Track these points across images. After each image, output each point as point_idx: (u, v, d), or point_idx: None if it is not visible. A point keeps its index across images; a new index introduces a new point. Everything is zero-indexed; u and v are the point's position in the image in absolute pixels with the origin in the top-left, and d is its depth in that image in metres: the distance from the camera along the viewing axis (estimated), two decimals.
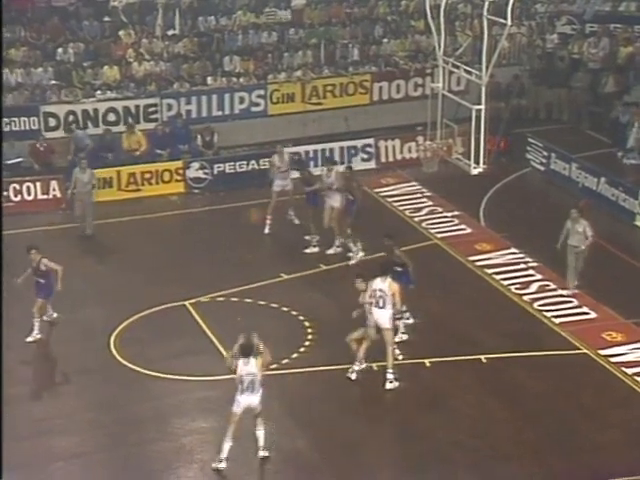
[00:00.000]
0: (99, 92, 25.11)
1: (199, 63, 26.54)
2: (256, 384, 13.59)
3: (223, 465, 13.73)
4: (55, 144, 23.86)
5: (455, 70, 22.52)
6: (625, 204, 21.77)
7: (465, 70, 21.93)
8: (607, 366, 16.25)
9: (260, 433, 13.92)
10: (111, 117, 24.88)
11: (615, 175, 22.78)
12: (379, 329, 15.46)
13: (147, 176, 23.54)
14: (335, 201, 19.85)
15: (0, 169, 18.95)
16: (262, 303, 17.76)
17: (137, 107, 25.13)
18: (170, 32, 27.27)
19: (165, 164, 23.86)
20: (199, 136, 24.80)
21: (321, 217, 20.01)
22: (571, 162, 23.58)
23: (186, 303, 18.12)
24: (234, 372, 13.59)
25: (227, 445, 13.69)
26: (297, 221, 21.29)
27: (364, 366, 15.83)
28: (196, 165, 23.91)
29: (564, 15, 29.74)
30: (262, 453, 13.98)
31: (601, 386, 15.83)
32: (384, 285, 15.39)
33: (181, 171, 23.80)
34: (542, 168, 24.51)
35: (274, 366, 15.96)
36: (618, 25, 28.69)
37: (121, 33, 26.77)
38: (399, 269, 16.53)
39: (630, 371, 16.04)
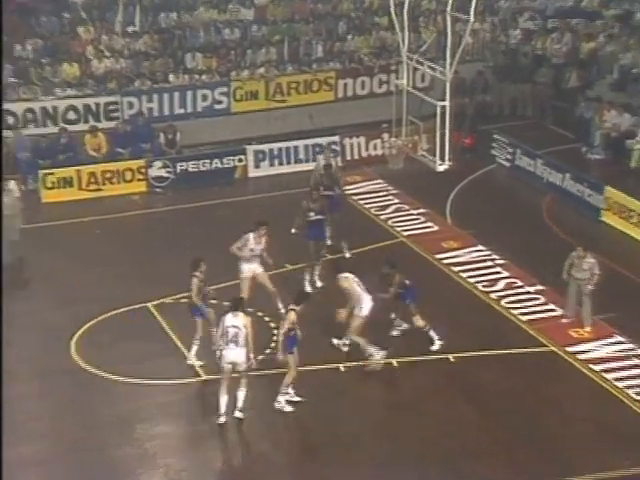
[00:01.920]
0: (58, 90, 24.73)
1: (161, 60, 26.29)
2: (240, 338, 14.03)
3: (223, 419, 14.19)
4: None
5: (419, 66, 22.43)
6: (590, 200, 21.73)
7: (429, 66, 21.86)
8: (575, 363, 16.19)
9: (241, 394, 14.27)
10: (71, 115, 24.59)
11: (580, 170, 22.76)
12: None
13: (108, 175, 23.23)
14: None
15: (0, 169, 19.04)
16: (227, 304, 17.47)
17: (97, 105, 24.85)
18: (130, 28, 26.96)
19: (127, 163, 23.57)
20: (161, 134, 24.57)
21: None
22: (536, 158, 23.53)
23: (149, 305, 17.87)
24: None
25: (223, 399, 14.18)
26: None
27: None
28: (158, 164, 23.64)
29: (527, 11, 29.79)
30: (238, 414, 14.27)
31: (569, 383, 15.76)
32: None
33: (143, 170, 23.52)
34: (507, 164, 24.44)
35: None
36: (580, 20, 28.73)
37: (80, 29, 26.42)
38: (401, 290, 16.32)
39: (597, 368, 15.99)
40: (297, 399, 14.92)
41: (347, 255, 19.14)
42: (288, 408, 14.82)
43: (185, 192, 23.21)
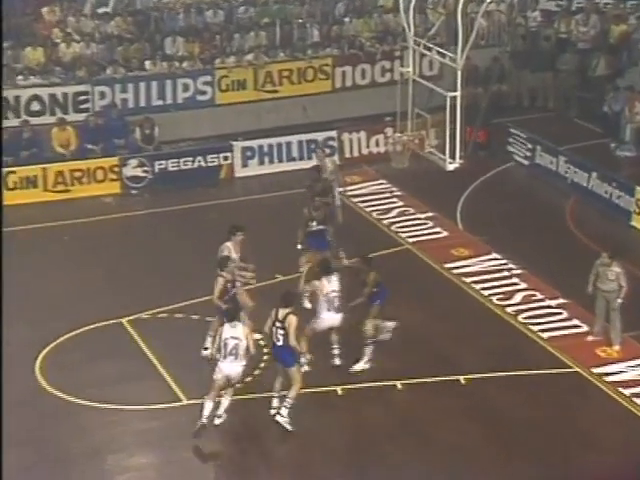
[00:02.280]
0: (21, 77, 24.81)
1: (136, 45, 26.38)
2: (240, 350, 14.48)
3: (204, 421, 14.58)
4: None
5: (427, 53, 22.52)
6: (620, 202, 21.87)
7: (438, 52, 21.94)
8: (601, 386, 16.27)
9: (225, 401, 14.78)
10: (35, 106, 24.67)
11: (608, 169, 22.87)
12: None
13: (77, 175, 23.33)
14: None
15: (0, 169, 19.12)
16: (210, 319, 17.57)
17: (65, 95, 24.92)
18: (102, 9, 27.07)
19: (98, 161, 23.64)
20: (137, 129, 24.64)
21: None
22: (558, 155, 23.65)
23: (123, 320, 17.93)
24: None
25: (208, 405, 14.64)
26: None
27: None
28: (134, 162, 23.72)
29: None
30: (218, 421, 14.80)
31: (595, 408, 15.87)
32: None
33: (117, 169, 23.59)
34: (526, 162, 24.56)
35: (223, 392, 15.83)
36: (608, 1, 28.87)
37: (45, 10, 26.49)
38: (375, 289, 16.49)
39: (627, 392, 16.07)
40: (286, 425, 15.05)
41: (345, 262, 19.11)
42: (289, 426, 14.98)
43: (164, 194, 23.27)
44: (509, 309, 18.42)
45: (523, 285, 19.18)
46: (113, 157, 23.79)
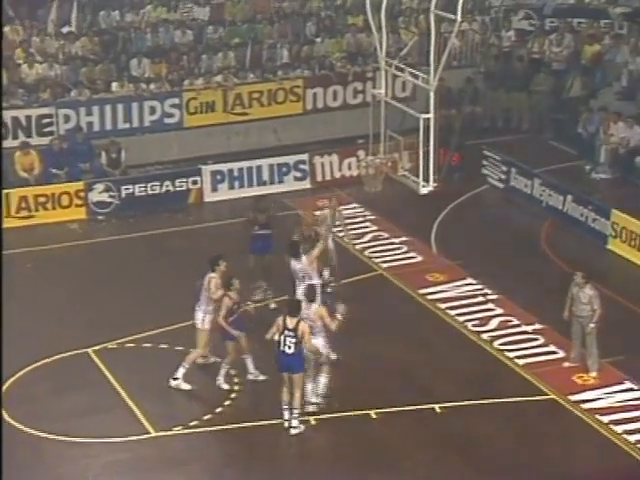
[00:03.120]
0: None
1: (101, 66, 26.40)
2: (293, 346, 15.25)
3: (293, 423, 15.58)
4: None
5: (400, 73, 22.60)
6: (595, 225, 22.05)
7: (411, 73, 22.02)
8: (579, 413, 16.34)
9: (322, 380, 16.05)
10: None
11: (584, 192, 23.07)
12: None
13: (42, 200, 23.29)
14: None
15: (0, 171, 19.22)
16: (180, 349, 17.56)
17: (28, 118, 24.89)
18: (66, 29, 27.06)
19: (63, 186, 23.62)
20: (103, 153, 24.64)
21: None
22: (533, 178, 23.84)
23: (89, 350, 17.88)
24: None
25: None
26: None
27: None
28: (100, 187, 23.72)
29: (521, 9, 30.21)
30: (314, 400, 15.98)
31: (572, 437, 15.92)
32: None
33: (82, 194, 23.58)
34: (501, 185, 24.74)
35: (194, 423, 15.84)
36: (582, 20, 29.21)
37: (7, 29, 26.37)
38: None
39: (605, 419, 16.14)
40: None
41: (272, 306, 19.14)
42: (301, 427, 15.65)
43: (131, 220, 23.32)
44: (485, 335, 18.49)
45: (499, 310, 19.27)
46: (78, 182, 23.76)
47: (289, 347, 15.35)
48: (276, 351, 15.50)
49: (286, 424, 15.64)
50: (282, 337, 15.39)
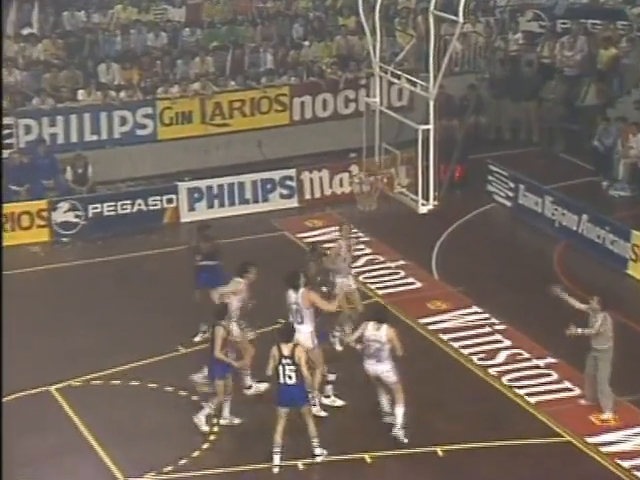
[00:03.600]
0: None
1: (66, 72, 26.46)
2: (383, 353, 16.12)
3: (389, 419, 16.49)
4: None
5: (396, 80, 22.59)
6: (614, 247, 22.04)
7: (408, 80, 22.02)
8: (597, 457, 16.25)
9: (398, 411, 16.38)
10: None
11: (601, 211, 23.09)
12: None
13: None
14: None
15: (0, 174, 18.60)
16: (153, 386, 17.48)
17: None
18: (26, 31, 27.08)
19: (24, 205, 23.62)
20: (68, 168, 24.65)
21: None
22: (544, 195, 23.84)
23: (51, 388, 17.80)
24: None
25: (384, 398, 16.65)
26: None
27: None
28: (65, 206, 23.70)
29: (530, 9, 30.31)
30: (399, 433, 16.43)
31: None
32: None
33: (45, 214, 23.58)
34: (508, 203, 24.74)
35: (168, 469, 15.74)
36: (597, 21, 29.31)
37: None
38: None
39: (627, 464, 16.06)
40: None
41: (197, 339, 19.04)
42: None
43: (99, 242, 23.31)
44: (492, 370, 18.44)
45: (507, 343, 19.23)
46: (41, 200, 23.75)
47: (289, 377, 15.50)
48: (276, 385, 15.64)
49: (276, 465, 15.65)
50: (280, 367, 15.49)
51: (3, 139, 24.00)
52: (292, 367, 15.47)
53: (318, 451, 15.89)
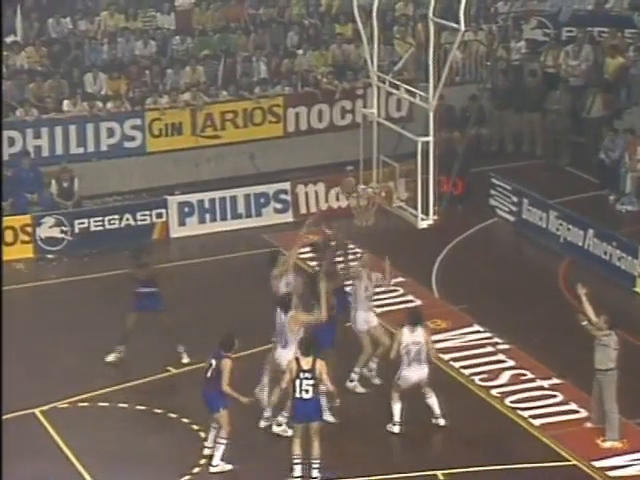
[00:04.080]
0: None
1: (51, 82, 26.50)
2: (422, 354, 16.80)
3: (397, 429, 16.93)
4: None
5: (394, 91, 22.70)
6: (621, 264, 22.10)
7: (407, 90, 22.11)
8: None
9: (431, 400, 17.10)
10: None
11: (607, 226, 23.14)
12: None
13: None
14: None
15: (0, 175, 18.66)
16: (142, 408, 17.50)
17: None
18: (10, 38, 27.13)
19: (7, 220, 23.59)
20: (53, 182, 24.67)
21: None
22: (549, 210, 23.89)
23: (36, 411, 17.79)
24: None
25: (397, 407, 16.97)
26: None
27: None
28: (50, 221, 23.76)
29: (533, 17, 30.38)
30: (440, 421, 17.24)
31: None
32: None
33: (29, 229, 23.63)
34: (511, 218, 24.80)
35: None
36: (603, 29, 29.40)
37: None
38: None
39: None
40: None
41: (185, 360, 19.16)
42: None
43: (86, 259, 23.36)
44: (494, 391, 18.45)
45: (510, 363, 19.25)
46: (25, 215, 23.81)
47: (306, 391, 15.61)
48: (291, 399, 15.81)
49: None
50: (297, 381, 15.58)
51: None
52: (310, 381, 15.60)
53: (315, 473, 15.89)
